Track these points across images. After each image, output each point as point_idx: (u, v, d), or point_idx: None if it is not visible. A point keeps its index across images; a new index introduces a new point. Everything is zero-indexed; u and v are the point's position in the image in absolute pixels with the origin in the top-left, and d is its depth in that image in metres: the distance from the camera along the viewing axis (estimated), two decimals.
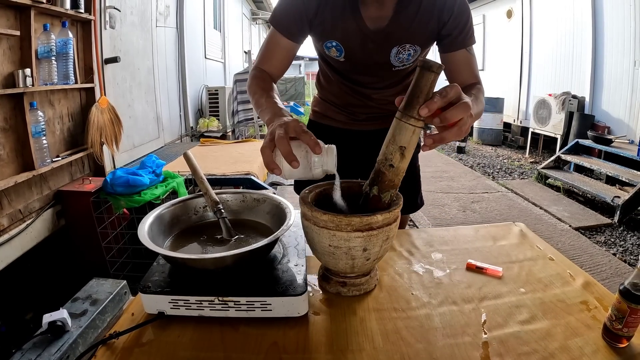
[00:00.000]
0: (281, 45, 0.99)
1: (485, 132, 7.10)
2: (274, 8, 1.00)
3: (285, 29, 0.98)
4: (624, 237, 3.12)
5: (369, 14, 0.93)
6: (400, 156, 0.61)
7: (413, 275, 0.80)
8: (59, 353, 0.56)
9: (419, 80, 0.57)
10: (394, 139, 0.61)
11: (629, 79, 4.56)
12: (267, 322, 0.64)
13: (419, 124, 0.58)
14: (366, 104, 1.15)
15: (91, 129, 2.34)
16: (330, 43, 1.00)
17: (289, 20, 0.97)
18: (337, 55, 1.02)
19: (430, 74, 0.56)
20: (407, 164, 0.64)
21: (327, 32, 0.98)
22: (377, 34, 0.95)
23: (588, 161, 4.33)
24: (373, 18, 0.94)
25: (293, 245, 0.77)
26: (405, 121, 0.59)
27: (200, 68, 5.45)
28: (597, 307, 0.69)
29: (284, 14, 0.97)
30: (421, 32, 0.96)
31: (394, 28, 0.94)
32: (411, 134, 0.59)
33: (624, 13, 4.54)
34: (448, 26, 0.94)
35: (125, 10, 3.05)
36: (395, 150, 0.61)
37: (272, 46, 1.00)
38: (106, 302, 0.68)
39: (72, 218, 2.14)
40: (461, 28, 0.94)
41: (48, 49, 1.95)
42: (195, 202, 0.84)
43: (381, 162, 0.64)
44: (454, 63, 0.98)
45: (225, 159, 3.05)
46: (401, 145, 0.60)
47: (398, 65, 1.02)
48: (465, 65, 0.98)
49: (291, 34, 0.98)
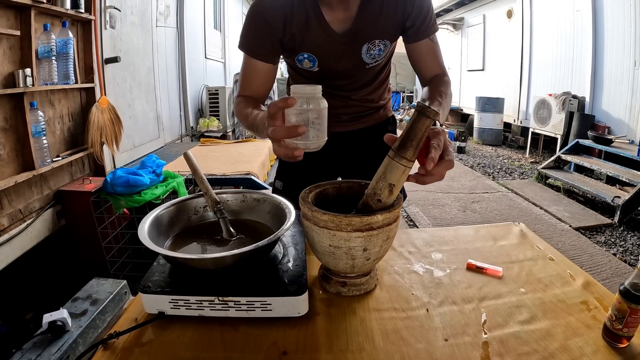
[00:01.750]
0: (258, 69, 0.99)
1: (486, 132, 7.11)
2: (241, 34, 0.98)
3: (258, 53, 0.97)
4: (624, 237, 3.12)
5: (334, 17, 0.94)
6: (389, 192, 0.64)
7: (413, 275, 0.80)
8: (59, 353, 0.56)
9: (415, 125, 0.59)
10: (384, 176, 0.63)
11: (629, 79, 4.56)
12: (267, 322, 0.64)
13: (409, 164, 0.62)
14: (347, 104, 1.15)
15: (91, 128, 2.34)
16: (302, 55, 1.00)
17: (259, 43, 0.96)
18: (311, 66, 1.02)
19: (426, 120, 0.59)
20: (393, 199, 0.66)
21: (298, 46, 0.98)
22: (346, 35, 0.96)
23: (588, 161, 4.33)
24: (339, 21, 0.94)
25: (293, 245, 0.77)
26: (398, 161, 0.61)
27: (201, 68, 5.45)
28: (597, 307, 0.69)
29: (252, 38, 0.97)
30: (387, 25, 0.97)
31: (361, 26, 0.95)
32: (401, 173, 0.62)
33: (624, 13, 4.54)
34: (412, 17, 0.96)
35: (125, 10, 3.05)
36: (384, 186, 0.64)
37: (249, 73, 1.00)
38: (106, 302, 0.68)
39: (72, 218, 2.14)
40: (423, 17, 0.96)
41: (48, 48, 1.95)
42: (196, 202, 0.84)
43: (369, 196, 0.66)
44: (419, 53, 1.02)
45: (226, 159, 3.05)
46: (390, 183, 0.63)
47: (370, 62, 1.03)
48: (431, 55, 1.01)
49: (265, 57, 0.98)
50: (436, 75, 1.01)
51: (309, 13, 0.93)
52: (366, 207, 0.67)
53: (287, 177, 1.26)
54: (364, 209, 0.67)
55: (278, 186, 1.28)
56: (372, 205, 0.66)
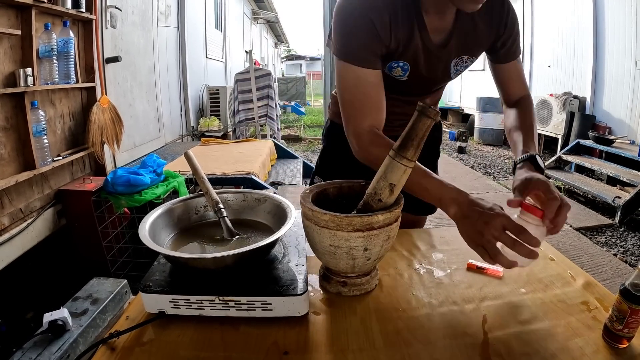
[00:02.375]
0: (371, 81, 0.84)
1: (486, 132, 7.10)
2: (343, 42, 0.83)
3: (368, 60, 0.83)
4: (625, 238, 3.12)
5: (432, 26, 0.87)
6: (389, 192, 0.64)
7: (414, 275, 0.80)
8: (60, 352, 0.56)
9: (416, 125, 0.59)
10: (385, 175, 0.64)
11: (630, 80, 4.56)
12: (267, 321, 0.64)
13: (410, 164, 0.62)
14: (404, 110, 1.07)
15: (92, 128, 2.34)
16: (397, 63, 0.90)
17: (370, 50, 0.82)
18: (400, 75, 0.93)
19: (427, 120, 0.59)
20: (394, 199, 0.66)
21: (398, 53, 0.88)
22: (440, 48, 0.90)
23: (589, 161, 4.32)
24: (436, 30, 0.88)
25: (294, 245, 0.77)
26: (398, 161, 0.61)
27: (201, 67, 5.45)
28: (598, 308, 0.68)
29: (362, 45, 0.82)
30: (478, 43, 0.94)
31: (455, 39, 0.90)
32: (402, 173, 0.62)
33: (625, 13, 4.54)
34: (503, 37, 0.92)
35: (126, 9, 3.05)
36: (385, 186, 0.64)
37: (364, 89, 0.84)
38: (107, 302, 0.68)
39: (72, 217, 2.15)
40: (514, 39, 0.93)
41: (49, 48, 1.95)
42: (196, 201, 0.84)
43: (370, 196, 0.66)
44: (506, 75, 0.99)
45: (226, 158, 3.05)
46: (391, 183, 0.63)
47: (453, 77, 1.00)
48: (517, 77, 0.99)
49: (376, 64, 0.84)
50: (522, 98, 0.99)
51: (412, 19, 0.84)
52: (367, 207, 0.67)
53: (328, 172, 1.20)
54: (365, 209, 0.67)
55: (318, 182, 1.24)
56: (372, 205, 0.66)
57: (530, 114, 0.95)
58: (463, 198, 0.70)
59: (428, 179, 0.74)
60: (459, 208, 0.69)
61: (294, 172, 3.53)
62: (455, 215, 0.70)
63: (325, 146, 1.23)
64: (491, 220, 0.63)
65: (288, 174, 3.47)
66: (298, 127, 8.90)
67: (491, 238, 0.63)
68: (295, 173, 3.50)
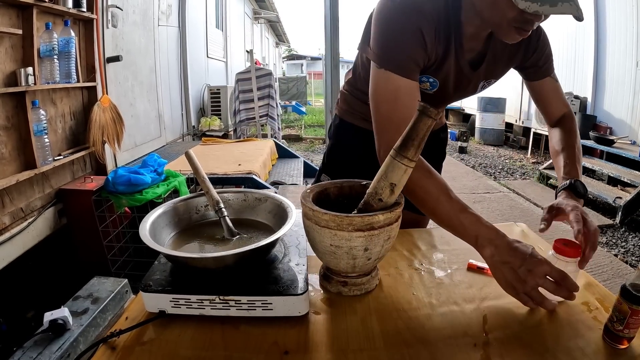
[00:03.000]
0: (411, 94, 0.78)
1: (487, 132, 7.10)
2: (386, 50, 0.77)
3: (413, 72, 0.78)
4: (626, 238, 3.12)
5: (467, 45, 0.85)
6: (390, 192, 0.64)
7: (414, 275, 0.80)
8: (60, 351, 0.56)
9: (417, 125, 0.59)
10: (385, 175, 0.63)
11: (631, 80, 4.55)
12: (268, 321, 0.64)
13: (411, 164, 0.61)
14: None
15: (93, 127, 2.34)
16: (427, 78, 0.88)
17: (414, 61, 0.78)
18: (428, 89, 0.91)
19: (428, 120, 0.58)
20: (394, 199, 0.66)
21: (433, 68, 0.85)
22: (471, 69, 0.89)
23: (590, 162, 4.32)
24: (469, 50, 0.86)
25: (294, 245, 0.77)
26: (399, 160, 0.61)
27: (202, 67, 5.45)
28: (598, 308, 0.68)
29: (408, 55, 0.77)
30: (505, 66, 0.95)
31: (485, 64, 0.90)
32: (402, 173, 0.62)
33: (626, 14, 4.53)
34: (532, 59, 0.93)
35: (127, 9, 3.05)
36: (385, 186, 0.64)
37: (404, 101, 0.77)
38: (107, 301, 0.68)
39: (73, 217, 2.15)
40: (545, 59, 0.94)
41: (50, 47, 1.95)
42: (197, 201, 0.84)
43: (371, 195, 0.66)
44: (542, 92, 0.99)
45: (227, 158, 3.05)
46: (392, 182, 0.63)
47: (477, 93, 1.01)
48: (555, 94, 0.99)
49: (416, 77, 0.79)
50: (564, 116, 0.99)
51: (451, 33, 0.80)
52: (368, 207, 0.67)
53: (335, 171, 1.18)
54: (366, 209, 0.67)
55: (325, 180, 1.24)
56: (373, 205, 0.66)
57: (572, 135, 0.94)
58: (501, 241, 0.67)
59: (466, 214, 0.70)
60: (497, 251, 0.66)
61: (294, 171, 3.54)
62: (492, 258, 0.67)
63: (333, 143, 1.19)
64: (534, 268, 0.62)
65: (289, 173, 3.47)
66: (299, 126, 8.90)
67: (535, 285, 0.63)
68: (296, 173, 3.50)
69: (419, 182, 0.73)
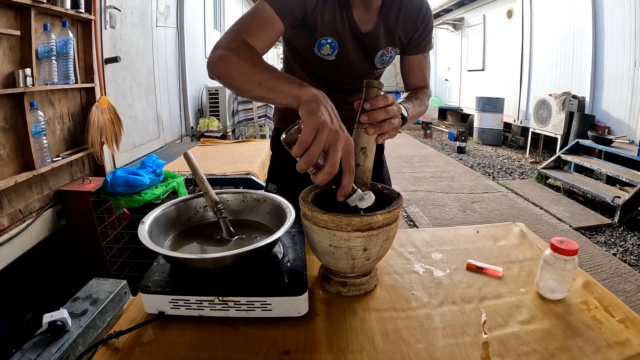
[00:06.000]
0: (273, 26, 0.86)
1: (486, 132, 7.11)
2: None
3: (286, 12, 0.86)
4: (624, 237, 3.13)
5: (358, 16, 0.95)
6: (364, 156, 0.72)
7: (413, 275, 0.80)
8: (59, 353, 0.56)
9: (367, 95, 0.72)
10: (355, 143, 0.70)
11: (629, 79, 4.57)
12: (267, 322, 0.64)
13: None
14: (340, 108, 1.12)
15: (91, 128, 2.34)
16: (326, 40, 0.97)
17: (292, 4, 0.87)
18: (329, 53, 0.99)
19: (374, 89, 0.72)
20: (371, 163, 0.73)
21: (324, 28, 0.95)
22: (367, 36, 0.98)
23: (588, 161, 4.33)
24: (362, 21, 0.96)
25: (293, 245, 0.77)
26: (362, 128, 0.72)
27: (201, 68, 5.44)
28: (597, 307, 0.69)
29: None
30: (402, 35, 1.02)
31: (380, 31, 0.98)
32: (368, 136, 0.72)
33: (624, 13, 4.54)
34: (418, 31, 1.02)
35: (125, 10, 3.05)
36: (358, 151, 0.71)
37: (261, 23, 0.84)
38: (106, 302, 0.68)
39: (72, 218, 2.15)
40: (426, 35, 1.03)
41: (48, 48, 1.95)
42: (196, 202, 0.84)
43: None
44: (410, 66, 1.09)
45: (226, 158, 3.05)
46: (362, 147, 0.72)
47: (379, 67, 1.07)
48: (419, 69, 1.09)
49: (287, 17, 0.87)
50: (419, 87, 1.09)
51: (341, 2, 0.93)
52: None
53: (280, 179, 1.24)
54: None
55: (272, 189, 1.25)
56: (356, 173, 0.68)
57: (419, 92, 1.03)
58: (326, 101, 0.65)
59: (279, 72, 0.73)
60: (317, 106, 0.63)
61: None
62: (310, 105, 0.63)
63: (274, 154, 1.28)
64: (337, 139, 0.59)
65: None
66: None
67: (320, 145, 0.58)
68: None
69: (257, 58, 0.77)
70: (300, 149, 0.58)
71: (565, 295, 0.71)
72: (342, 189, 0.62)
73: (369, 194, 0.66)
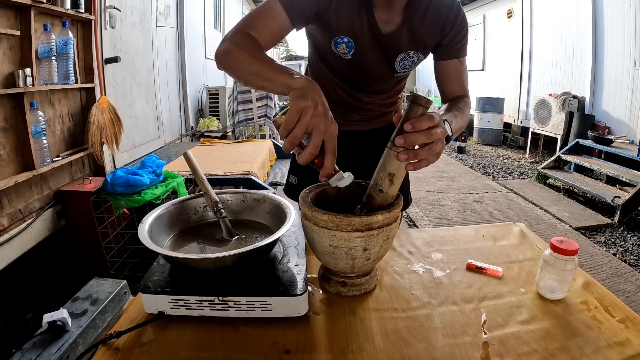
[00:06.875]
0: (279, 22, 0.86)
1: (486, 132, 7.11)
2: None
3: (295, 9, 0.86)
4: (624, 237, 3.12)
5: (379, 17, 0.92)
6: (389, 182, 0.65)
7: (413, 275, 0.80)
8: (59, 353, 0.56)
9: (409, 114, 0.61)
10: (384, 166, 0.65)
11: (629, 79, 4.56)
12: (267, 322, 0.64)
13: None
14: (359, 107, 1.14)
15: (91, 128, 2.34)
16: (342, 39, 0.95)
17: (302, 2, 0.87)
18: (346, 52, 0.97)
19: (419, 108, 0.61)
20: (396, 190, 0.67)
21: (340, 26, 0.93)
22: (387, 38, 0.94)
23: (588, 161, 4.32)
24: (383, 21, 0.93)
25: (293, 245, 0.77)
26: (395, 150, 0.62)
27: (201, 68, 5.45)
28: (597, 307, 0.69)
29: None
30: (427, 39, 0.97)
31: (403, 33, 0.94)
32: (399, 162, 0.63)
33: (624, 13, 4.54)
34: (449, 36, 0.96)
35: (125, 10, 3.05)
36: (384, 176, 0.65)
37: (268, 19, 0.86)
38: (106, 302, 0.68)
39: (72, 218, 2.15)
40: (459, 39, 0.97)
41: (48, 48, 1.95)
42: (196, 202, 0.84)
43: (372, 188, 0.67)
44: (445, 72, 1.01)
45: (226, 159, 3.05)
46: (390, 172, 0.64)
47: (400, 71, 1.03)
48: (456, 76, 1.01)
49: (296, 16, 0.87)
50: (458, 96, 1.01)
51: (361, 2, 0.90)
52: (370, 200, 0.68)
53: (301, 172, 1.24)
54: (368, 202, 0.68)
55: (292, 181, 1.26)
56: (374, 197, 0.67)
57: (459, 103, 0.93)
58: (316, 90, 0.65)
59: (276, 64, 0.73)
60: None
61: None
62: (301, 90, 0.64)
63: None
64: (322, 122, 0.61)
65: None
66: None
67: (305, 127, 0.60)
68: None
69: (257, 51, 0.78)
70: (285, 130, 0.61)
71: (565, 295, 0.71)
72: (323, 170, 0.63)
73: (348, 174, 0.66)
